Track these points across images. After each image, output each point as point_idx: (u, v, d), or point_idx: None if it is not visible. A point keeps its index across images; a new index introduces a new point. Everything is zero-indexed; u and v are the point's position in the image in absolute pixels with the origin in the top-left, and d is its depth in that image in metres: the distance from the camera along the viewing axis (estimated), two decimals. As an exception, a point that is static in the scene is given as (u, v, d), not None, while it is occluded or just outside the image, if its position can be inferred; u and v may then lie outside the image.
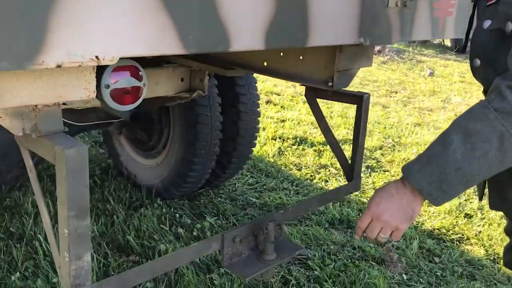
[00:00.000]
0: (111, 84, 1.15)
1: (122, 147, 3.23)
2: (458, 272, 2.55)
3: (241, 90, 2.86)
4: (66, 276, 1.03)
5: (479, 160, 1.07)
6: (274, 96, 5.86)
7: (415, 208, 1.19)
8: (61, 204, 0.98)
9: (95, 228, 2.58)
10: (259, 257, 1.40)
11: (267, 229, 1.37)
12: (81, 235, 1.00)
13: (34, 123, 1.01)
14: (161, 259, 1.20)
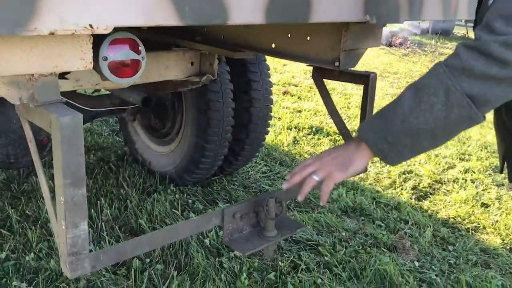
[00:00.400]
0: (109, 57, 1.16)
1: (137, 135, 3.26)
2: (472, 261, 2.50)
3: (254, 76, 2.85)
4: (63, 244, 1.05)
5: (425, 114, 1.06)
6: (291, 87, 5.83)
7: (355, 160, 1.19)
8: (57, 172, 0.99)
9: (108, 212, 2.61)
10: (260, 233, 1.40)
11: (268, 206, 1.37)
12: (77, 203, 1.02)
13: (31, 92, 1.03)
14: (160, 231, 1.20)
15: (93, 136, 3.73)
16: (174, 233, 1.23)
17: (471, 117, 1.04)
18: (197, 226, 1.28)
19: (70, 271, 1.05)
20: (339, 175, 1.21)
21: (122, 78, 1.23)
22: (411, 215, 2.89)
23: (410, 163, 3.72)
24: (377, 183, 3.36)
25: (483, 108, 1.04)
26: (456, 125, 1.07)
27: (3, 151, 2.41)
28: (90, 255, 1.08)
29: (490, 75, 0.99)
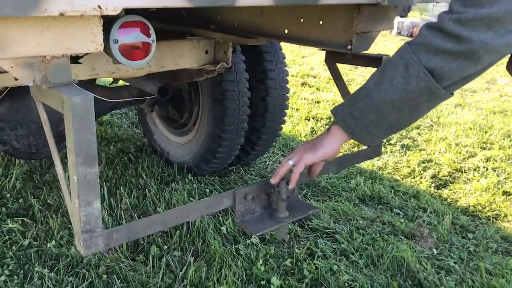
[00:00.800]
0: (120, 39, 1.18)
1: (155, 126, 3.30)
2: (492, 248, 2.47)
3: (270, 65, 2.85)
4: (77, 222, 1.08)
5: (386, 86, 1.12)
6: (310, 78, 5.81)
7: (325, 143, 1.28)
8: (70, 151, 1.02)
9: (127, 201, 2.66)
10: (271, 215, 1.41)
11: (279, 188, 1.37)
12: (90, 182, 1.04)
13: (44, 74, 1.05)
14: (172, 211, 1.22)
15: (113, 128, 3.79)
16: (186, 213, 1.25)
17: (430, 89, 1.08)
18: (209, 207, 1.29)
19: (84, 248, 1.08)
20: (308, 156, 1.32)
21: (133, 61, 1.25)
22: (430, 203, 2.86)
23: (430, 152, 3.67)
24: (396, 172, 3.33)
25: (442, 81, 1.07)
26: (417, 97, 1.10)
27: (25, 141, 2.47)
28: (104, 233, 1.11)
29: (446, 49, 1.04)
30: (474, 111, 4.80)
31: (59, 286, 2.05)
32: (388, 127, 1.19)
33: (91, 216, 1.07)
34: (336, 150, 1.31)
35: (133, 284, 2.07)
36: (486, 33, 1.00)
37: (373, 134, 1.21)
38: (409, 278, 2.19)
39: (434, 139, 3.95)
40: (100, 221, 1.09)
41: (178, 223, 1.26)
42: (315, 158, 1.31)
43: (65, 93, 1.01)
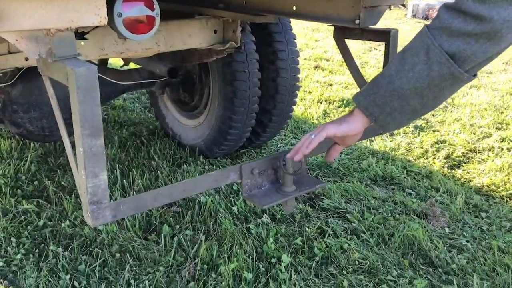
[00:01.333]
0: (124, 13, 1.19)
1: (167, 109, 3.32)
2: (506, 227, 2.44)
3: (280, 46, 2.84)
4: (84, 194, 1.09)
5: (408, 74, 1.10)
6: (323, 62, 5.76)
7: (349, 120, 1.27)
8: (76, 124, 1.03)
9: (140, 182, 2.69)
10: (278, 189, 1.41)
11: (285, 161, 1.37)
12: (96, 154, 1.06)
13: (49, 47, 1.06)
14: (179, 184, 1.23)
15: (125, 113, 3.82)
16: (193, 186, 1.26)
17: (453, 74, 1.06)
18: (216, 180, 1.30)
19: (91, 219, 1.10)
20: (331, 128, 1.30)
21: (138, 35, 1.25)
22: (442, 183, 2.84)
23: (444, 133, 3.63)
24: (409, 153, 3.30)
25: (465, 65, 1.05)
26: (439, 83, 1.09)
27: (38, 124, 2.51)
28: (111, 205, 1.12)
29: (467, 31, 1.01)
30: (490, 92, 4.72)
31: (73, 264, 2.09)
32: (412, 113, 1.18)
33: (98, 187, 1.08)
34: (359, 131, 1.29)
35: (146, 262, 2.10)
36: (507, 9, 0.97)
37: (397, 121, 1.21)
38: (421, 257, 2.19)
39: (448, 120, 3.90)
40: (107, 193, 1.11)
41: (185, 196, 1.27)
42: (338, 131, 1.29)
43: (69, 65, 1.02)
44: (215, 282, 1.99)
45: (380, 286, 1.99)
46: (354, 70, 1.75)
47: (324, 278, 2.03)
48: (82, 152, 1.04)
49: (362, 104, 1.21)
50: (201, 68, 2.96)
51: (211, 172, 1.31)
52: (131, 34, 1.23)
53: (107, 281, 2.00)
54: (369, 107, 1.20)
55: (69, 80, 1.01)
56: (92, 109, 1.02)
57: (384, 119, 1.20)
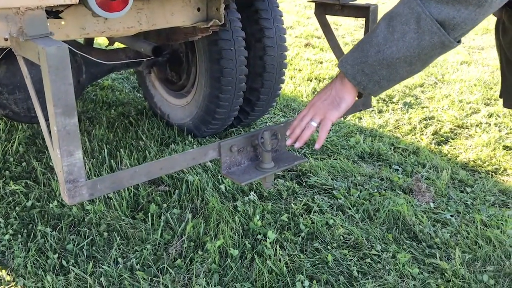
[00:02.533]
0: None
1: (155, 89, 3.31)
2: (490, 201, 2.47)
3: (267, 23, 2.82)
4: (60, 172, 1.10)
5: (398, 42, 1.08)
6: (314, 39, 5.73)
7: (343, 96, 1.24)
8: (49, 102, 1.04)
9: (127, 162, 2.70)
10: (257, 166, 1.43)
11: (263, 138, 1.38)
12: (70, 132, 1.06)
13: (19, 26, 1.06)
14: (157, 162, 1.24)
15: (114, 93, 3.80)
16: (170, 164, 1.27)
17: (443, 43, 1.06)
18: (194, 158, 1.31)
19: (68, 198, 1.11)
20: (334, 114, 1.26)
21: (111, 13, 1.24)
22: (429, 159, 2.86)
23: (433, 109, 3.64)
24: (397, 129, 3.32)
25: (454, 32, 1.05)
26: (429, 52, 1.08)
27: (24, 105, 2.50)
28: (88, 183, 1.13)
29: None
30: (481, 68, 4.72)
31: (61, 243, 2.11)
32: (399, 79, 1.18)
33: (74, 166, 1.09)
34: (353, 101, 1.27)
35: (133, 241, 2.13)
36: None
37: (384, 88, 1.20)
38: (405, 231, 2.22)
39: (438, 97, 3.91)
40: (83, 171, 1.12)
41: (163, 174, 1.28)
42: (340, 114, 1.27)
43: (40, 44, 1.02)
44: (202, 259, 2.01)
45: (364, 260, 2.02)
46: (335, 46, 1.75)
47: (309, 253, 2.06)
48: (56, 131, 1.05)
49: (350, 73, 1.19)
50: (188, 47, 2.94)
51: (189, 150, 1.32)
52: (104, 12, 1.22)
53: (95, 259, 2.03)
54: (357, 77, 1.18)
55: (41, 59, 1.01)
56: (64, 88, 1.02)
57: (372, 87, 1.19)
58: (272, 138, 1.39)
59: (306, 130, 1.31)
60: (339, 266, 1.99)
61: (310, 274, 1.95)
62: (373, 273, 1.96)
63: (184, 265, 1.98)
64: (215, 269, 1.96)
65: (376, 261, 2.02)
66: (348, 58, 1.20)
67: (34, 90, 1.13)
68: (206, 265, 1.97)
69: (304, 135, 1.31)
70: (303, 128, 1.31)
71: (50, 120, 1.07)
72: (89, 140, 2.94)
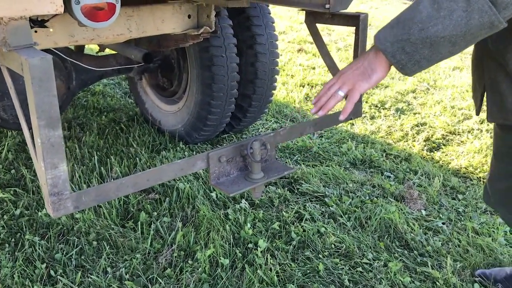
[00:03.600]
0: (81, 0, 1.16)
1: (146, 95, 3.29)
2: (481, 208, 2.47)
3: (258, 30, 2.81)
4: (44, 185, 1.08)
5: (444, 20, 1.02)
6: (307, 45, 5.73)
7: (376, 68, 1.17)
8: (32, 114, 1.02)
9: (117, 169, 2.67)
10: (246, 176, 1.41)
11: (252, 148, 1.37)
12: (54, 144, 1.04)
13: (3, 36, 1.04)
14: (144, 173, 1.23)
15: (105, 99, 3.78)
16: (158, 175, 1.25)
17: (492, 23, 1.01)
18: (182, 169, 1.29)
19: (53, 210, 1.09)
20: (364, 85, 1.20)
21: (97, 23, 1.23)
22: (421, 166, 2.86)
23: (425, 115, 3.64)
24: (389, 136, 3.32)
25: (505, 12, 1.00)
26: (476, 32, 1.03)
27: (12, 112, 2.47)
28: (72, 196, 1.11)
29: None
30: (472, 74, 4.73)
31: (50, 253, 2.08)
32: (439, 59, 1.12)
33: (58, 179, 1.07)
34: (385, 76, 1.21)
35: (123, 250, 2.10)
36: None
37: (423, 67, 1.14)
38: (396, 239, 2.21)
39: (430, 103, 3.92)
40: (68, 184, 1.10)
41: (150, 185, 1.26)
42: (370, 86, 1.20)
43: (23, 55, 1.00)
44: (192, 268, 1.99)
45: (355, 269, 2.01)
46: (325, 54, 1.74)
47: (300, 262, 2.04)
48: (40, 143, 1.03)
49: (389, 51, 1.11)
50: (179, 53, 2.93)
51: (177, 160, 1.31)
52: (90, 22, 1.20)
53: (84, 269, 2.00)
54: (397, 55, 1.11)
55: (24, 70, 0.99)
56: (48, 99, 1.00)
57: (412, 67, 1.12)
58: (261, 148, 1.38)
59: (331, 99, 1.25)
60: (330, 275, 1.98)
61: (301, 284, 1.93)
62: (365, 282, 1.95)
63: (174, 275, 1.96)
64: (205, 279, 1.94)
65: (368, 270, 2.01)
66: (387, 34, 1.12)
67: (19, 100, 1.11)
68: (196, 274, 1.95)
69: (328, 104, 1.25)
70: (329, 97, 1.25)
71: (34, 132, 1.05)
72: (79, 146, 2.92)
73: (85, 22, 1.20)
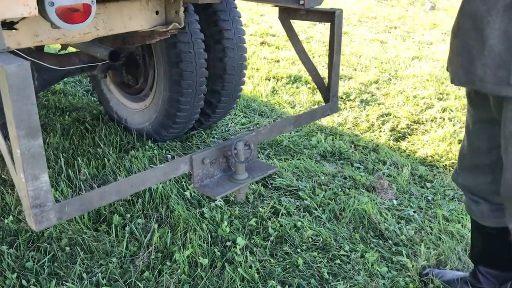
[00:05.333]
0: (56, 2, 1.11)
1: (110, 92, 3.20)
2: (449, 196, 2.55)
3: (225, 25, 2.78)
4: (25, 197, 1.03)
5: None
6: (269, 37, 5.73)
7: None
8: (10, 124, 0.96)
9: (86, 172, 2.59)
10: (230, 177, 1.40)
11: (236, 149, 1.35)
12: (35, 155, 0.99)
13: (-26, 42, 0.98)
14: (127, 180, 1.19)
15: (67, 97, 3.66)
16: (141, 181, 1.22)
17: None
18: (165, 174, 1.27)
19: (35, 223, 1.04)
20: None
21: (73, 24, 1.17)
22: (389, 156, 2.92)
23: (389, 105, 3.72)
24: (356, 127, 3.37)
25: None
26: None
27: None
28: (55, 207, 1.07)
29: None
30: (431, 63, 4.87)
31: (20, 261, 2.00)
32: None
33: (40, 190, 1.02)
34: None
35: (98, 254, 2.05)
36: None
37: None
38: (371, 230, 2.25)
39: (393, 93, 4.00)
40: (50, 194, 1.05)
41: (134, 191, 1.23)
42: None
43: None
44: (171, 270, 1.96)
45: (334, 261, 2.04)
46: (300, 51, 1.74)
47: (280, 258, 2.05)
48: (20, 154, 0.98)
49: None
50: (145, 50, 2.86)
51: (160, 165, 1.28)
52: (65, 24, 1.15)
53: (58, 276, 1.94)
54: None
55: (0, 78, 0.94)
56: (27, 108, 0.95)
57: None
58: (245, 149, 1.37)
59: None
60: (310, 269, 1.99)
61: (282, 279, 1.94)
62: (343, 274, 1.98)
63: (152, 278, 1.93)
64: (185, 279, 1.91)
65: (346, 262, 2.04)
66: None
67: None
68: (176, 276, 1.93)
69: None
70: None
71: (12, 142, 0.99)
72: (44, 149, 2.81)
73: (59, 24, 1.14)
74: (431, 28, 6.63)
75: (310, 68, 1.73)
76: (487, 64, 1.24)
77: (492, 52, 1.23)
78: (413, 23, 6.93)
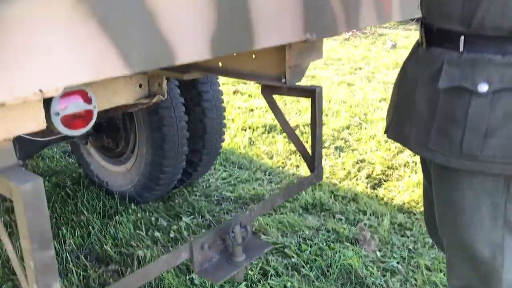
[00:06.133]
0: (61, 111, 1.16)
1: (90, 156, 3.21)
2: (428, 243, 2.65)
3: (204, 87, 2.87)
4: (37, 305, 1.05)
5: None
6: (241, 85, 5.87)
7: None
8: (24, 238, 1.00)
9: (71, 241, 2.58)
10: (228, 259, 1.45)
11: (233, 232, 1.41)
12: (48, 265, 1.02)
13: (-14, 160, 1.02)
14: (132, 276, 1.22)
15: (45, 161, 3.64)
16: (145, 274, 1.25)
17: None
18: (167, 263, 1.30)
19: (47, 331, 1.06)
20: None
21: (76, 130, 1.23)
22: (368, 205, 3.02)
23: (362, 151, 3.85)
24: (333, 175, 3.47)
25: None
26: None
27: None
28: (66, 312, 1.09)
29: None
30: (398, 105, 5.07)
31: None
32: None
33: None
34: None
35: (90, 331, 2.03)
36: None
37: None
38: (358, 285, 2.31)
39: (365, 138, 4.15)
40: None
41: (139, 285, 1.26)
42: None
43: (12, 179, 0.98)
44: None
45: (326, 321, 2.08)
46: (284, 123, 1.83)
47: (273, 321, 2.08)
48: (33, 266, 1.01)
49: None
50: (125, 115, 2.91)
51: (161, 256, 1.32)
52: (70, 130, 1.20)
53: None
54: None
55: (14, 196, 0.98)
56: (41, 222, 0.99)
57: None
58: (242, 231, 1.42)
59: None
60: (304, 332, 2.03)
61: None
62: (337, 334, 2.02)
63: None
64: None
65: (338, 321, 2.09)
66: None
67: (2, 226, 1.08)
68: None
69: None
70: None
71: (25, 255, 1.02)
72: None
73: (64, 132, 1.19)
74: (394, 67, 6.91)
75: (295, 140, 1.82)
76: (414, 126, 1.33)
77: (419, 116, 1.31)
78: (377, 63, 7.22)
